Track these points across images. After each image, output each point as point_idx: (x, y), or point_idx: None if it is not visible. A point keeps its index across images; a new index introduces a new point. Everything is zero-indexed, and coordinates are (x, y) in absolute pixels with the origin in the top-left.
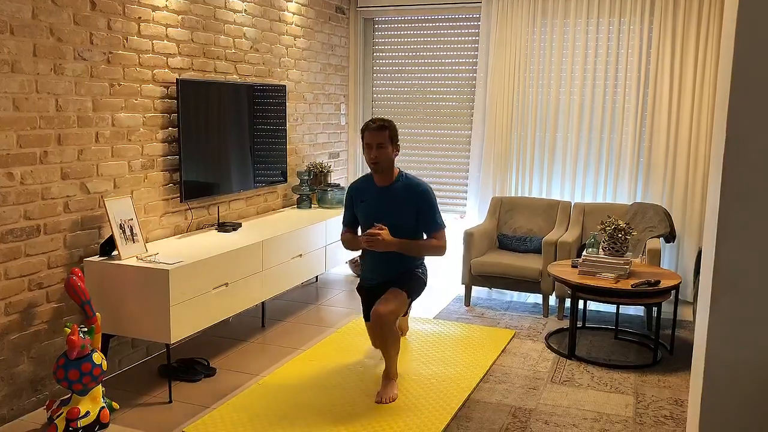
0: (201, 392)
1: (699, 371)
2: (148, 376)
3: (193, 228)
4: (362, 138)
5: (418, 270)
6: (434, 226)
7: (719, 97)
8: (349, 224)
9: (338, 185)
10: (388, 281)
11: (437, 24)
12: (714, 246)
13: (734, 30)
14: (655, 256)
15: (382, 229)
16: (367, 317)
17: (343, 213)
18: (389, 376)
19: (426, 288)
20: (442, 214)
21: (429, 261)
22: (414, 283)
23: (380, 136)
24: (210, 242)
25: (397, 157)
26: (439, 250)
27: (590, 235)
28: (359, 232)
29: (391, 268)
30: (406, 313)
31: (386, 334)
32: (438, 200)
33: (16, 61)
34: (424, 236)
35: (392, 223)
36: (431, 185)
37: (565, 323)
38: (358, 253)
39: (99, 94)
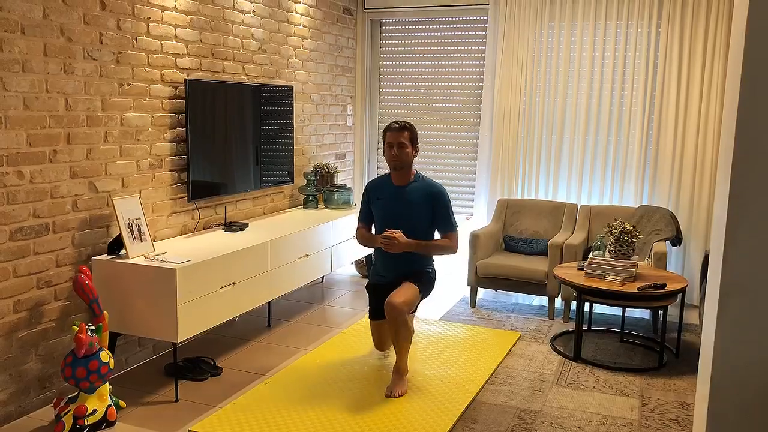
0: (207, 391)
1: (706, 374)
2: (154, 374)
3: (200, 227)
4: (384, 138)
5: (428, 269)
6: (448, 226)
7: (728, 99)
8: (365, 220)
9: (344, 186)
10: (400, 278)
11: (444, 26)
12: (722, 249)
13: (744, 33)
14: (661, 260)
15: (397, 233)
16: (373, 315)
17: (359, 209)
18: (400, 370)
19: (434, 290)
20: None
21: (435, 261)
22: (425, 281)
23: (401, 136)
24: (217, 242)
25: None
26: (451, 249)
27: (596, 238)
28: (373, 229)
29: (403, 265)
30: (413, 312)
31: (399, 325)
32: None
33: (27, 61)
34: (437, 235)
35: (407, 221)
36: None
37: (571, 326)
38: (366, 252)
39: (108, 94)
